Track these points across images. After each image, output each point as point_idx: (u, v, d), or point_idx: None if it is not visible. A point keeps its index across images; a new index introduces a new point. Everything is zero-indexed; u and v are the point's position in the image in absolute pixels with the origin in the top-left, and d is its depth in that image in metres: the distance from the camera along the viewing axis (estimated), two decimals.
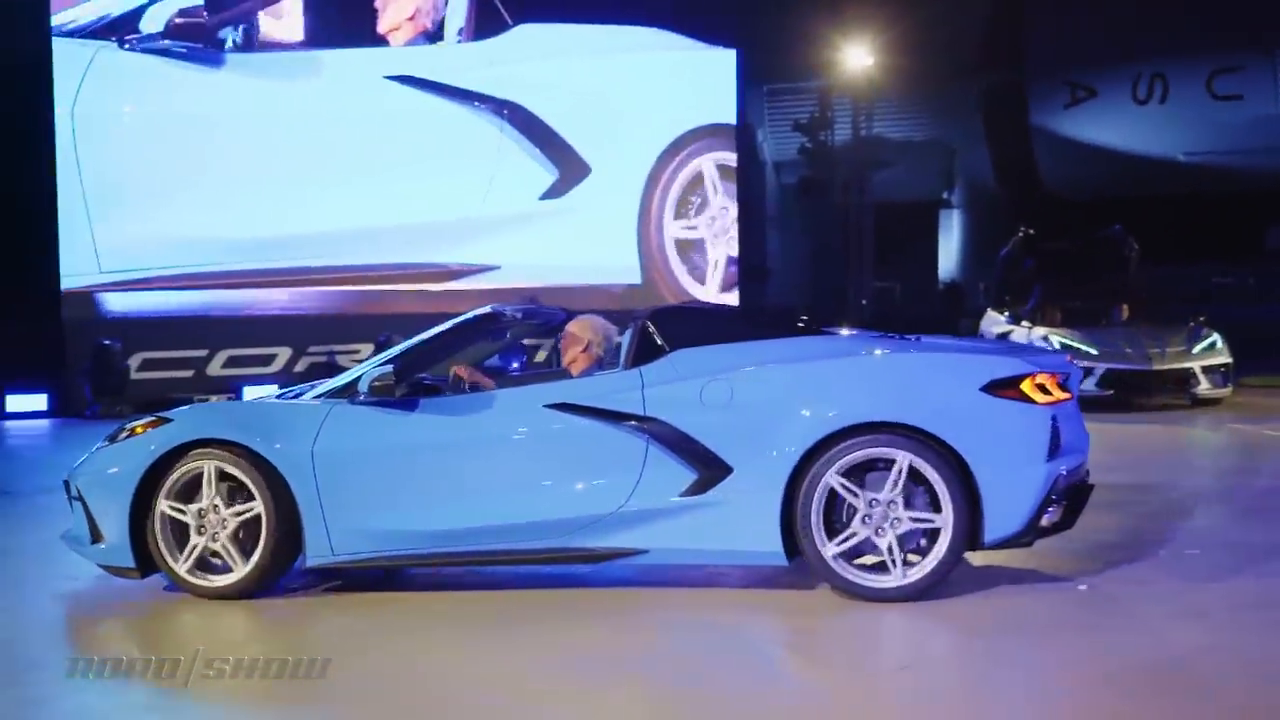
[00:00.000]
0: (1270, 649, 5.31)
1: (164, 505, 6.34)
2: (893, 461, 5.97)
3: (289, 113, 19.65)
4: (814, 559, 6.02)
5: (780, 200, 35.29)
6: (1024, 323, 17.13)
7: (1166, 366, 15.50)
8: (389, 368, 6.34)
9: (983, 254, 36.91)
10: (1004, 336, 16.99)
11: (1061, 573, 6.58)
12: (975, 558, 6.76)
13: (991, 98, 34.95)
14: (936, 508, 5.97)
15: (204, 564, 6.42)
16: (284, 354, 19.57)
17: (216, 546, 6.37)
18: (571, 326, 6.90)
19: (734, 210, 22.82)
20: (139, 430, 6.57)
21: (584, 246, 21.54)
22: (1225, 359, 15.79)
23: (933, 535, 6.00)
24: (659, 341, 6.32)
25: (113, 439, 6.68)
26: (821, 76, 30.92)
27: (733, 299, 22.23)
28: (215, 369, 19.19)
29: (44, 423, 17.35)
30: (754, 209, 32.74)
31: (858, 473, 6.02)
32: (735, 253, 22.73)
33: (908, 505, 6.01)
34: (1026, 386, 6.03)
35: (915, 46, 31.16)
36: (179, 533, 6.40)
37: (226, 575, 6.38)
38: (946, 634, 5.67)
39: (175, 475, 6.34)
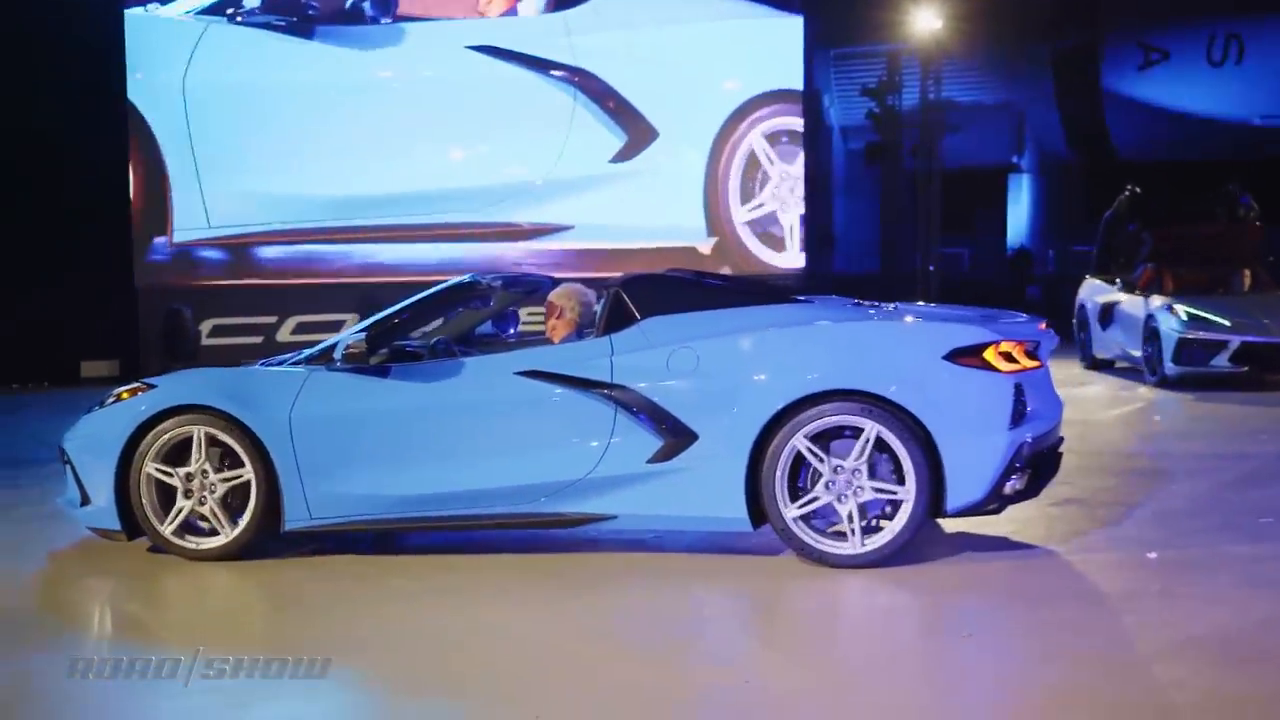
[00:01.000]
0: None
1: (150, 468, 6.52)
2: (859, 429, 6.01)
3: (376, 82, 20.42)
4: (776, 522, 6.08)
5: (848, 166, 35.06)
6: (1136, 291, 15.36)
7: None
8: (362, 335, 6.48)
9: (1053, 220, 36.49)
10: (1110, 308, 15.83)
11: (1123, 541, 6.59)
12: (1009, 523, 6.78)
13: (1063, 60, 34.39)
14: (900, 477, 6.00)
15: (189, 526, 6.59)
16: (352, 320, 19.92)
17: (204, 510, 6.54)
18: (552, 295, 6.98)
19: (799, 175, 22.80)
20: (124, 396, 6.76)
21: (653, 209, 21.85)
22: None
23: (895, 504, 6.04)
24: (631, 309, 6.39)
25: (102, 404, 6.88)
26: (889, 40, 30.61)
27: (805, 257, 22.35)
28: (285, 335, 19.57)
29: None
30: (821, 175, 32.59)
31: (823, 439, 6.07)
32: (804, 215, 22.77)
33: (872, 474, 6.04)
34: (990, 355, 6.04)
35: (985, 8, 30.74)
36: (164, 496, 6.57)
37: (213, 538, 6.56)
38: (943, 600, 5.71)
39: (164, 439, 6.51)
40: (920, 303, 7.57)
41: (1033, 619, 5.35)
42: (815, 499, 6.07)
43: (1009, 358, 6.08)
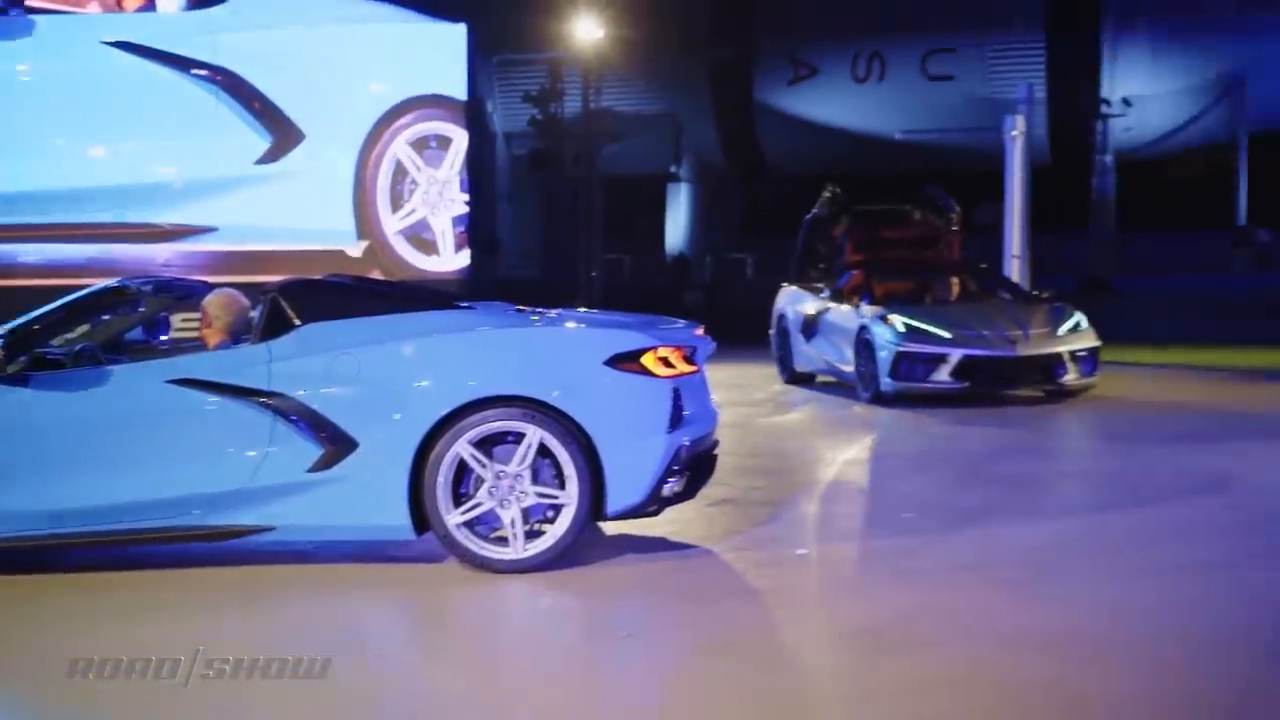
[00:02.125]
0: (984, 606, 5.54)
1: None
2: (522, 435, 6.03)
3: (4, 75, 19.21)
4: (439, 529, 6.05)
5: (512, 173, 35.26)
6: (844, 299, 14.10)
7: (1032, 352, 12.82)
8: None
9: (710, 228, 37.62)
10: (816, 318, 14.43)
11: (699, 540, 6.76)
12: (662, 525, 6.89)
13: (718, 73, 35.54)
14: (562, 481, 6.06)
15: None
16: None
17: None
18: (206, 301, 6.76)
19: (455, 181, 22.77)
20: None
21: (301, 212, 21.36)
22: (1093, 341, 13.18)
23: (558, 509, 6.09)
24: (289, 315, 6.24)
25: None
26: (552, 49, 30.95)
27: (463, 262, 22.30)
28: None
29: None
30: (484, 182, 32.67)
31: (487, 445, 6.07)
32: (460, 217, 22.72)
33: (535, 478, 6.08)
34: (648, 360, 6.16)
35: (645, 20, 31.49)
36: None
37: None
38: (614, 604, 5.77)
39: None
40: (582, 309, 7.69)
41: (691, 616, 5.48)
42: (478, 505, 6.06)
43: (667, 363, 6.21)
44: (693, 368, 6.39)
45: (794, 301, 15.23)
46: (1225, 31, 32.40)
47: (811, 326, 14.53)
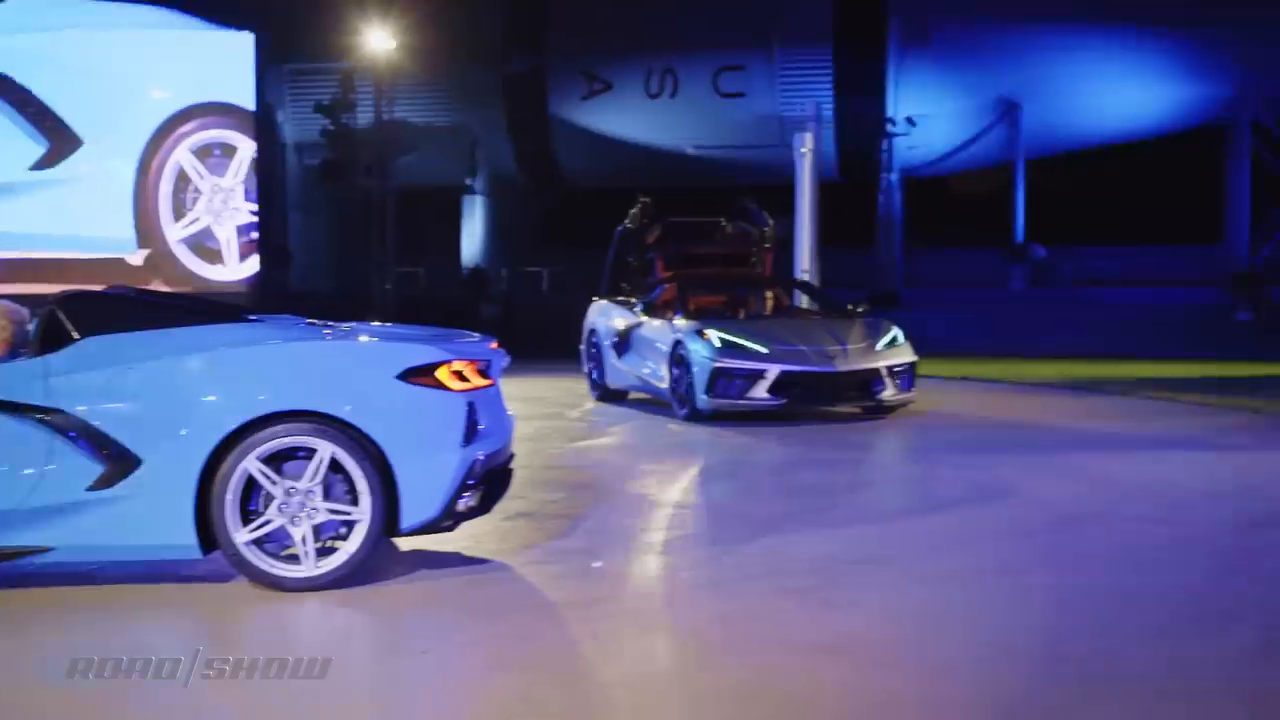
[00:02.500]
0: (776, 615, 5.60)
1: None
2: (314, 450, 5.93)
3: None
4: (227, 548, 5.91)
5: (303, 183, 34.69)
6: (658, 313, 13.88)
7: (851, 367, 12.65)
8: None
9: (506, 241, 37.53)
10: (629, 333, 14.13)
11: (486, 554, 6.73)
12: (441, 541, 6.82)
13: (512, 86, 35.51)
14: (355, 497, 5.98)
15: None
16: None
17: None
18: None
19: (239, 190, 22.33)
20: None
21: (79, 219, 20.75)
22: (910, 356, 13.13)
23: (351, 525, 6.00)
24: (69, 328, 6.03)
25: None
26: (344, 58, 30.56)
27: (249, 271, 21.86)
28: None
29: None
30: (275, 192, 32.09)
31: (277, 461, 5.95)
32: (246, 226, 22.28)
33: (327, 495, 5.98)
34: (442, 374, 6.12)
35: (437, 30, 31.32)
36: None
37: None
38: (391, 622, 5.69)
39: None
40: (375, 322, 7.59)
41: (487, 631, 5.45)
42: (268, 522, 5.94)
43: (461, 376, 6.18)
44: (487, 381, 6.37)
45: (606, 316, 14.86)
46: (1003, 55, 33.63)
47: (624, 342, 14.26)
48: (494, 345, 6.65)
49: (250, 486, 5.94)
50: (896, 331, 13.21)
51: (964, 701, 4.48)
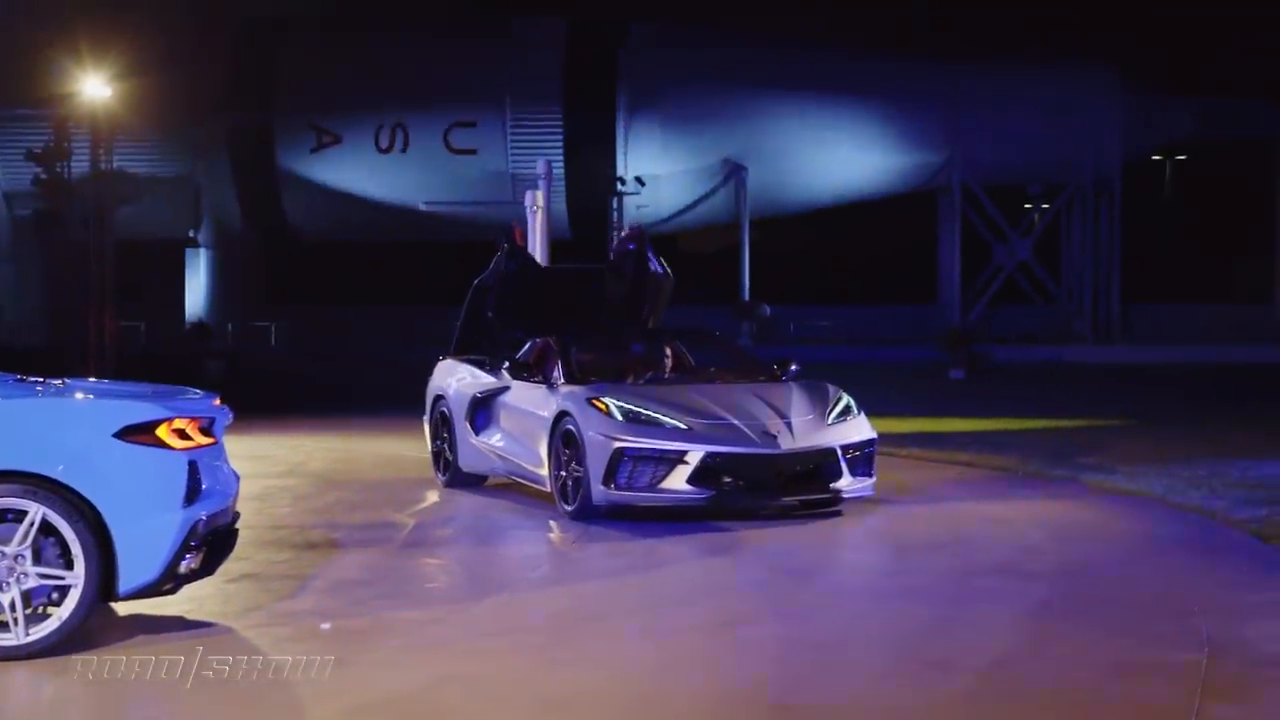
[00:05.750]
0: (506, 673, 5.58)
1: None
2: (24, 512, 5.65)
3: None
4: None
5: (14, 234, 33.29)
6: (530, 376, 10.43)
7: (799, 446, 9.51)
8: None
9: (232, 294, 36.67)
10: (490, 400, 10.75)
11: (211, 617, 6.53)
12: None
13: (238, 137, 34.84)
14: (69, 561, 5.71)
15: None
16: None
17: None
18: None
19: None
20: None
21: None
22: (869, 433, 10.02)
23: (64, 590, 5.73)
24: None
25: None
26: (58, 104, 29.47)
27: None
28: None
29: None
30: None
31: None
32: None
33: (38, 558, 5.70)
34: (162, 431, 5.91)
35: (157, 80, 30.51)
36: None
37: None
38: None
39: None
40: (92, 378, 7.32)
41: (207, 698, 5.26)
42: None
43: (182, 434, 5.99)
44: (211, 439, 6.19)
45: (458, 379, 11.34)
46: (730, 119, 34.69)
47: (483, 411, 10.87)
48: (217, 402, 6.47)
49: None
50: (847, 399, 10.16)
51: None
